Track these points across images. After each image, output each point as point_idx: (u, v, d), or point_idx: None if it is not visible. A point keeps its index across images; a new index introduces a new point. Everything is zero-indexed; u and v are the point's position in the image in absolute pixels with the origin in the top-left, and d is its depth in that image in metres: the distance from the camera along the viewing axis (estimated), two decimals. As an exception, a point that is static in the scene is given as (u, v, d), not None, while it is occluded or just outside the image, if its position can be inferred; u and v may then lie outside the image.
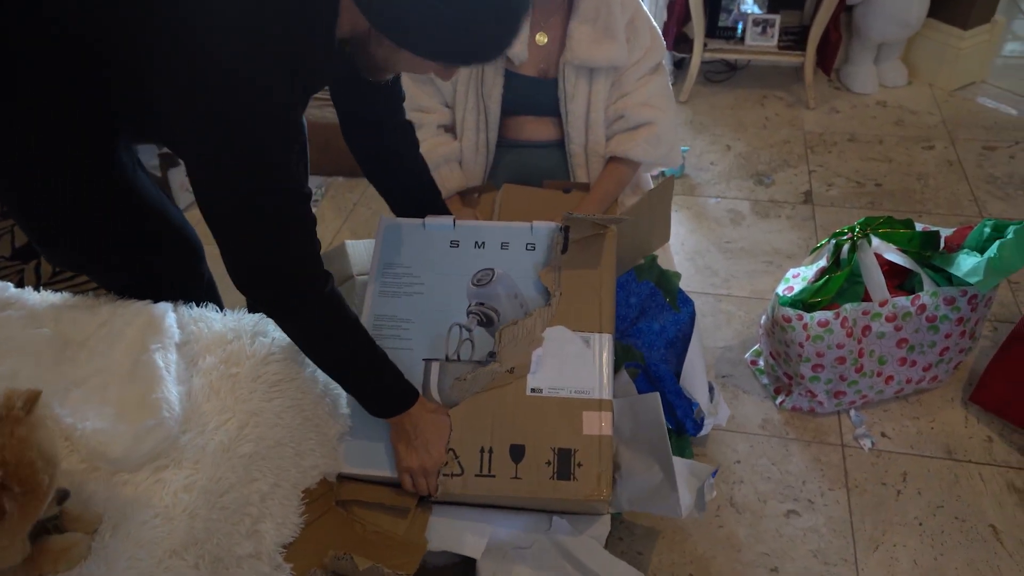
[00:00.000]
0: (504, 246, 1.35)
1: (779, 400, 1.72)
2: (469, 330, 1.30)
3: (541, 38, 1.55)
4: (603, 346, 1.26)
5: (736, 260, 2.12)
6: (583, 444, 1.21)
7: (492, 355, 1.25)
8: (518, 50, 1.52)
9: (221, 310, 1.25)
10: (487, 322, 1.30)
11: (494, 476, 1.20)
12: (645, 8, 1.58)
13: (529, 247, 1.33)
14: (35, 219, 1.16)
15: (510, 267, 1.33)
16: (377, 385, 1.16)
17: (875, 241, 1.58)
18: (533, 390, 1.24)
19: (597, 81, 1.55)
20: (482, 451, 1.21)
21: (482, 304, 1.31)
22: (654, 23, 1.59)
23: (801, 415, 1.70)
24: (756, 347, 1.82)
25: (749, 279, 2.06)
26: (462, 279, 1.33)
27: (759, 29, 2.70)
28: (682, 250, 2.16)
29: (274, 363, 1.13)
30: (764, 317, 1.71)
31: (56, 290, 1.27)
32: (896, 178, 2.39)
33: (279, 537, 1.07)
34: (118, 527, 0.92)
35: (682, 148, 2.44)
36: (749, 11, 2.72)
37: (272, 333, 1.17)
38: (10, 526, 0.77)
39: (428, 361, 1.28)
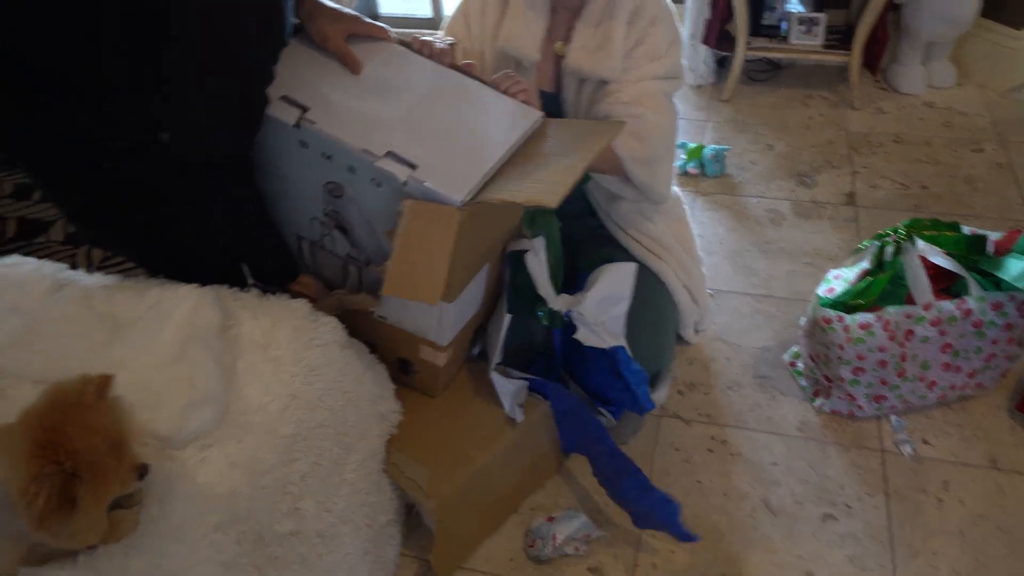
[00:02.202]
0: (351, 170, 1.23)
1: (817, 403, 1.70)
2: (328, 229, 1.34)
3: (560, 47, 1.49)
4: (441, 310, 1.29)
5: (776, 261, 2.10)
6: (419, 362, 1.41)
7: (351, 257, 1.36)
8: (528, 51, 1.46)
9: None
10: (343, 230, 1.32)
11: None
12: (674, 21, 1.48)
13: (375, 182, 1.21)
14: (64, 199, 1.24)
15: (358, 193, 1.25)
16: (273, 253, 1.36)
17: (920, 243, 1.55)
18: (380, 316, 1.34)
19: (586, 87, 1.48)
20: None
21: (337, 213, 1.30)
22: (680, 37, 1.49)
23: (840, 419, 1.68)
24: (795, 348, 1.80)
25: (789, 280, 2.03)
26: (315, 179, 1.28)
27: (804, 28, 2.66)
28: (720, 249, 2.15)
29: (315, 348, 1.16)
30: (803, 318, 1.69)
31: (107, 273, 1.31)
32: (943, 180, 2.34)
33: (318, 519, 1.09)
34: (164, 502, 0.95)
35: (723, 147, 2.42)
36: (794, 10, 2.69)
37: (316, 320, 1.19)
38: (86, 511, 0.80)
39: (301, 238, 1.40)
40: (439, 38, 1.38)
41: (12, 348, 1.13)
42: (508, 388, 1.44)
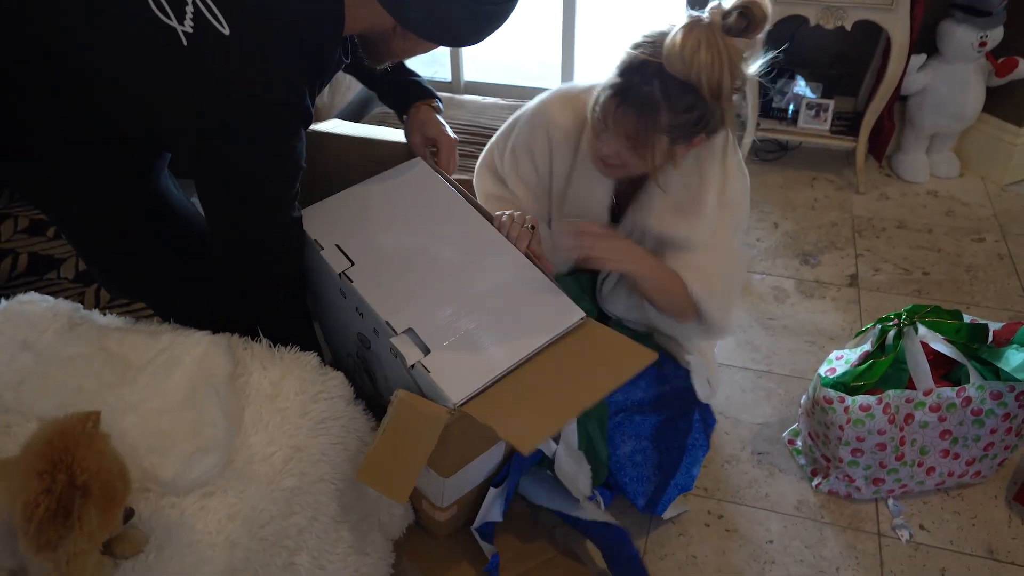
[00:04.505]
0: (375, 331, 1.23)
1: (815, 482, 1.69)
2: (359, 369, 1.42)
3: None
4: (440, 482, 1.29)
5: (778, 338, 2.12)
6: (422, 511, 1.43)
7: (372, 398, 1.39)
8: (598, 218, 1.45)
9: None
10: (369, 375, 1.39)
11: None
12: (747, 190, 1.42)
13: (392, 352, 1.18)
14: (93, 251, 1.29)
15: (380, 352, 1.27)
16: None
17: (922, 329, 1.57)
18: None
19: (647, 241, 1.43)
20: None
21: (365, 360, 1.37)
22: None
23: (837, 499, 1.67)
24: (795, 426, 1.81)
25: (791, 357, 2.05)
26: (350, 325, 1.33)
27: (812, 112, 2.74)
28: (724, 323, 2.17)
29: (322, 401, 1.17)
30: (804, 397, 1.70)
31: (117, 314, 1.34)
32: (944, 268, 2.38)
33: (314, 571, 1.08)
34: (162, 549, 0.95)
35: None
36: (803, 94, 2.77)
37: (325, 373, 1.20)
38: (90, 532, 0.80)
39: (344, 356, 1.48)
40: (520, 216, 1.33)
41: (22, 385, 1.14)
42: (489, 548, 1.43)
